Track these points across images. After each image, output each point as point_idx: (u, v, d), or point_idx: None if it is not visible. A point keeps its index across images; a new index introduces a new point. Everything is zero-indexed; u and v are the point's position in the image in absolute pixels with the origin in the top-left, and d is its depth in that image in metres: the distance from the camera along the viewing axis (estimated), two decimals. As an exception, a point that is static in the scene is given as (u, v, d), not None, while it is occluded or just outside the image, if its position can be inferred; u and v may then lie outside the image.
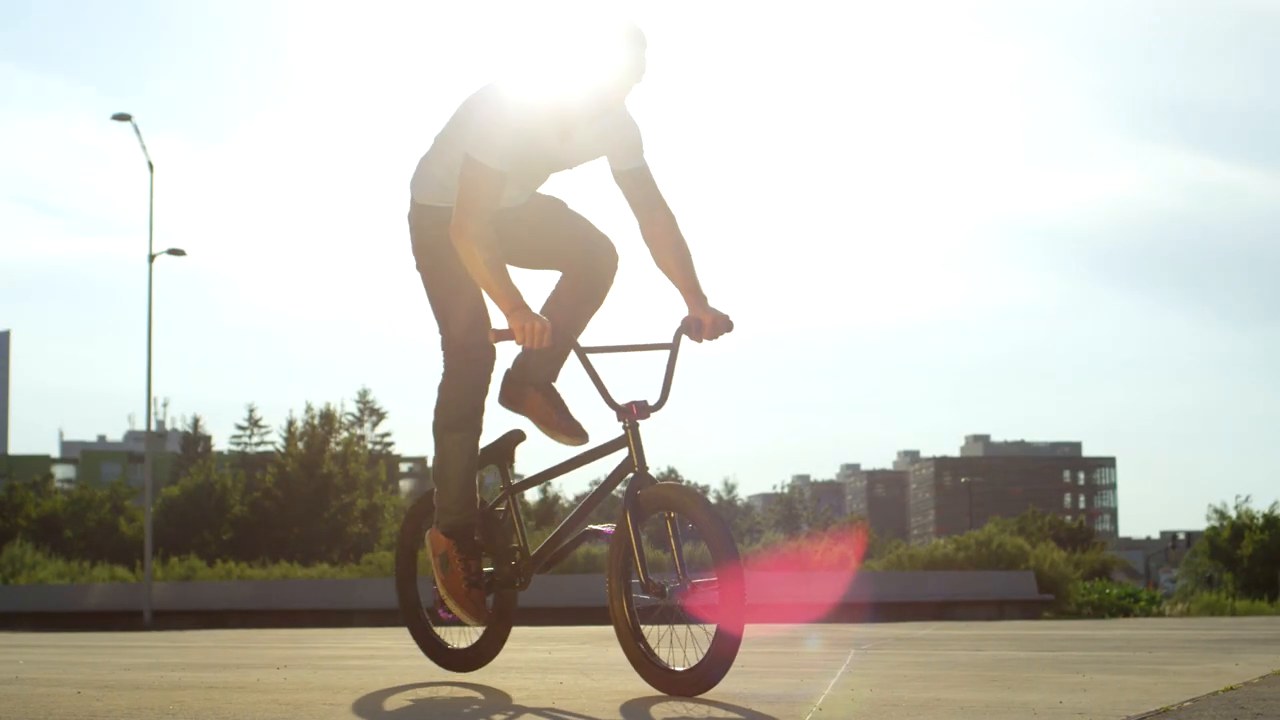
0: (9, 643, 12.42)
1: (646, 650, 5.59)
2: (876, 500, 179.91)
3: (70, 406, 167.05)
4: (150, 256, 39.72)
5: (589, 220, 5.99)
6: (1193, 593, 60.46)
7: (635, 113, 5.79)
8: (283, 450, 62.43)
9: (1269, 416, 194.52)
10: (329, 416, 62.39)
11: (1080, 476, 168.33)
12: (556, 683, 6.33)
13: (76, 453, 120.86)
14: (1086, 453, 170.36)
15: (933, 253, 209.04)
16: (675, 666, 5.49)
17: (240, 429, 73.94)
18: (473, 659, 6.33)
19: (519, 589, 6.07)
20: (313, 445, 61.06)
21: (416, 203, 5.89)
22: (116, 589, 40.89)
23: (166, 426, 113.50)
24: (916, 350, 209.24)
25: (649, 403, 5.58)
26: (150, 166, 39.59)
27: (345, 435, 63.95)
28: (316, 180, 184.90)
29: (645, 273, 5.90)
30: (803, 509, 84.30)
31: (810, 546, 41.42)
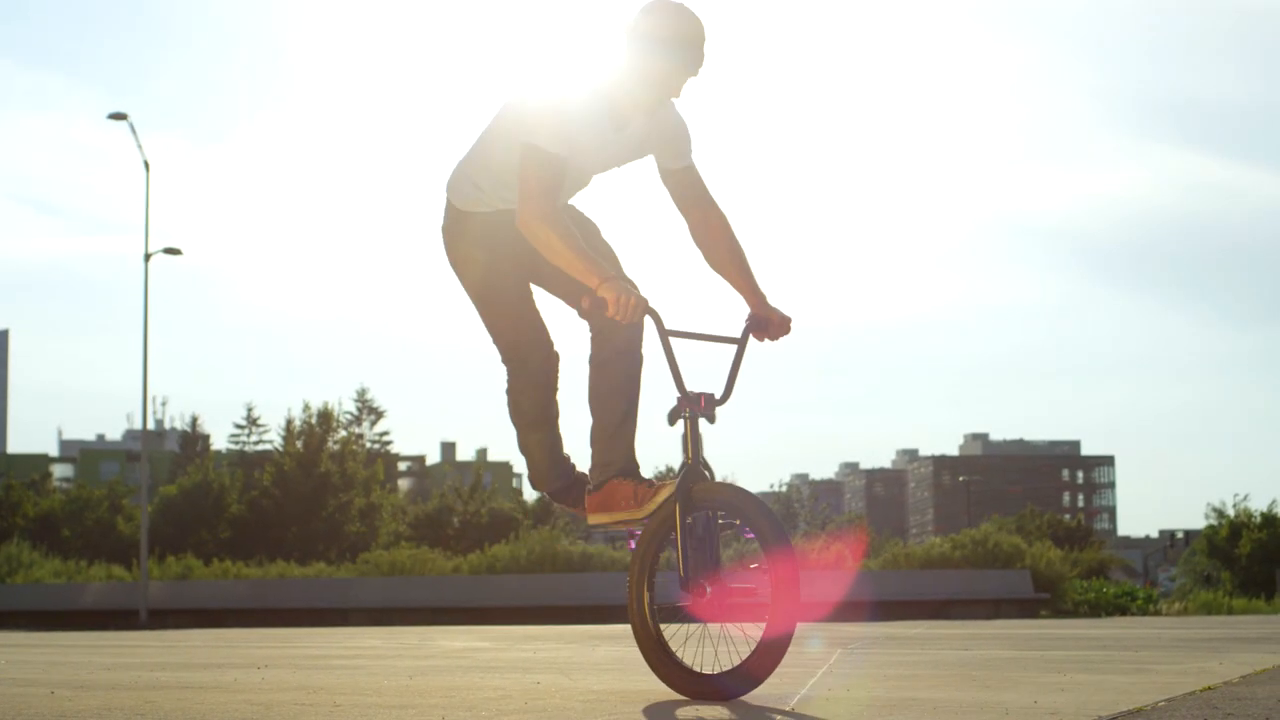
0: (-3, 642, 12.40)
1: (668, 651, 5.48)
2: (875, 499, 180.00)
3: (69, 405, 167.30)
4: (146, 256, 39.66)
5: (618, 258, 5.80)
6: (1190, 591, 60.44)
7: (684, 111, 5.71)
8: (281, 449, 62.39)
9: (1267, 415, 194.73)
10: (326, 415, 62.34)
11: (1079, 475, 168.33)
12: (533, 683, 6.32)
13: (75, 452, 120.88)
14: (1085, 451, 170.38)
15: (932, 251, 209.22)
16: (705, 669, 5.39)
17: (239, 428, 73.88)
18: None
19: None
20: (310, 444, 61.02)
21: (454, 206, 5.72)
22: (113, 588, 40.84)
23: (165, 425, 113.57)
24: (915, 349, 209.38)
25: (715, 396, 5.48)
26: (146, 165, 39.56)
27: (343, 434, 63.92)
28: (315, 179, 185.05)
29: (695, 272, 5.80)
30: (801, 508, 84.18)
31: (808, 545, 41.38)
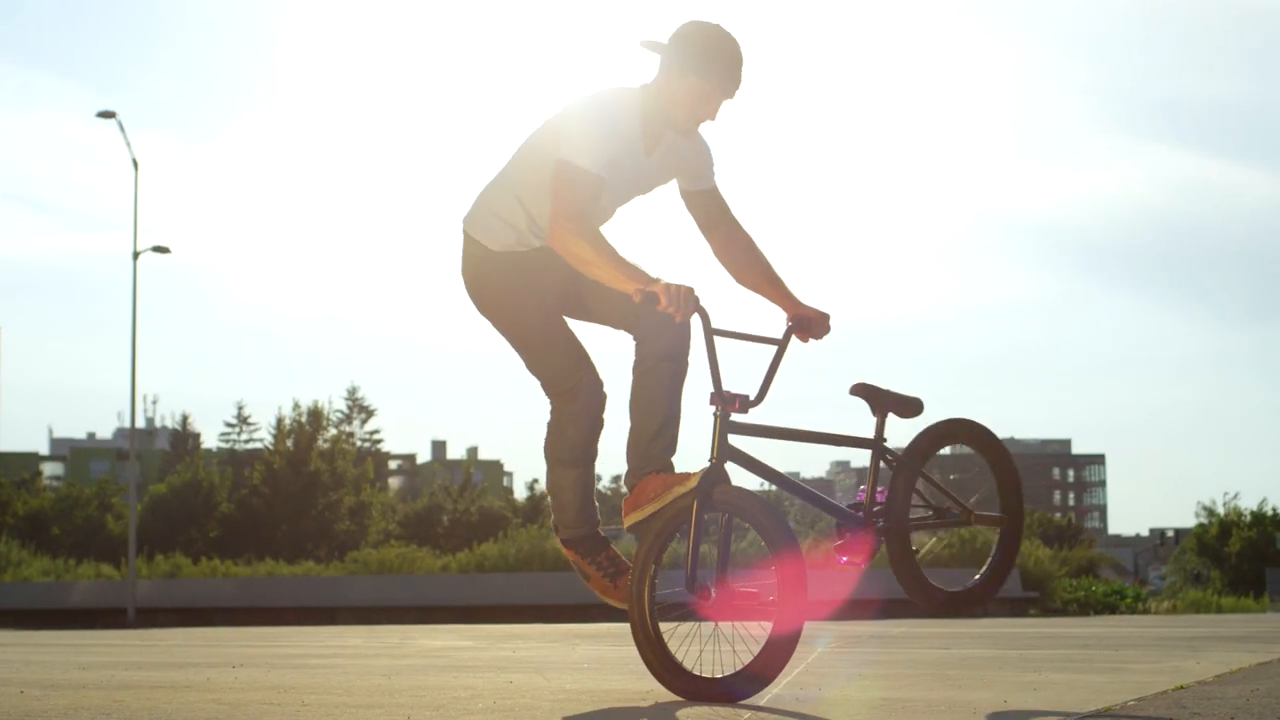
0: (-23, 641, 12.37)
1: (666, 651, 5.41)
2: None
3: (60, 403, 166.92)
4: (134, 254, 39.63)
5: None
6: (1180, 590, 60.53)
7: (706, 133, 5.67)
8: (271, 448, 62.38)
9: (1258, 414, 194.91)
10: (317, 414, 62.34)
11: (1070, 474, 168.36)
12: (507, 682, 6.30)
13: (65, 450, 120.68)
14: (1076, 450, 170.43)
15: (923, 249, 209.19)
16: (704, 671, 5.34)
17: (229, 426, 73.93)
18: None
19: None
20: (300, 443, 61.00)
21: (480, 244, 5.61)
22: (101, 586, 40.83)
23: (156, 424, 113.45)
24: (906, 347, 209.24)
25: (749, 398, 5.45)
26: (135, 164, 39.52)
27: (333, 433, 63.91)
28: (305, 178, 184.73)
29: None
30: (791, 506, 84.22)
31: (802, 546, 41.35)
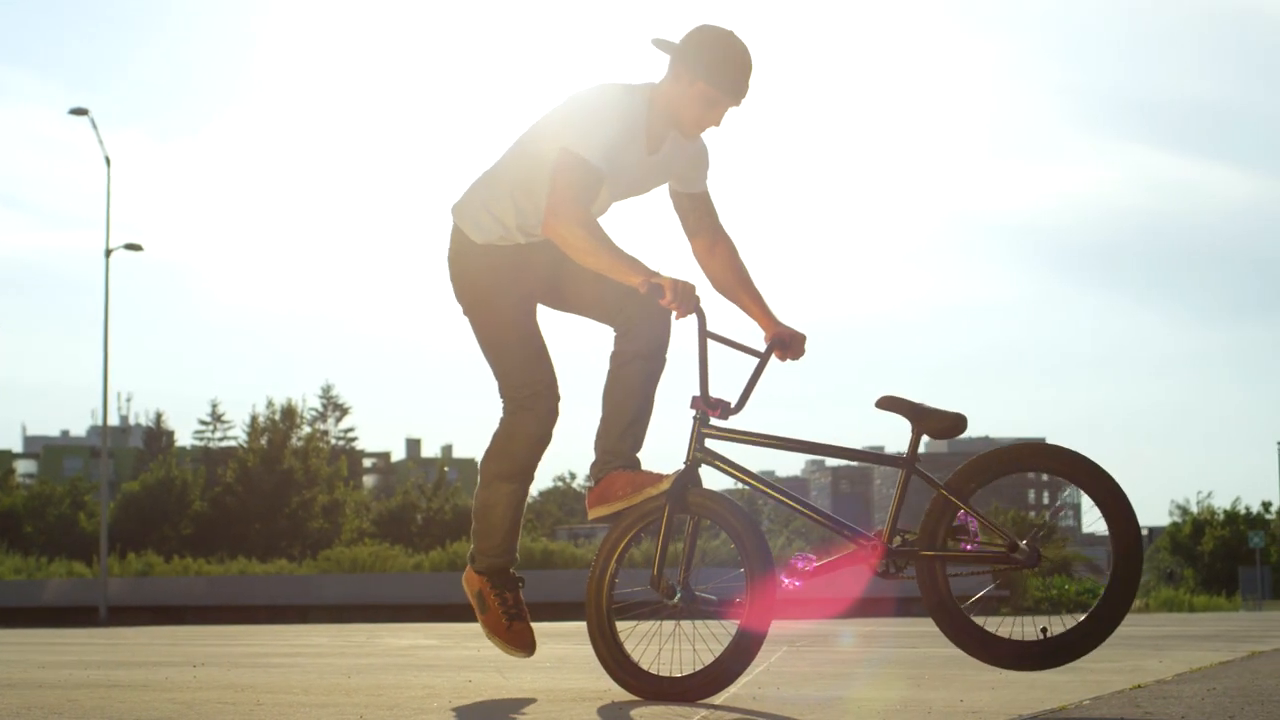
0: (-59, 640, 12.31)
1: (622, 650, 5.38)
2: (841, 496, 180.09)
3: (33, 401, 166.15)
4: (107, 251, 39.52)
5: None
6: (1154, 588, 60.74)
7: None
8: (245, 446, 62.26)
9: (1233, 413, 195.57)
10: (290, 412, 62.23)
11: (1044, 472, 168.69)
12: (465, 681, 6.28)
13: (39, 448, 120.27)
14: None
15: (898, 249, 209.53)
16: (663, 670, 5.31)
17: (203, 424, 73.85)
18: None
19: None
20: (274, 441, 60.89)
21: (467, 237, 5.57)
22: (73, 584, 40.71)
23: (130, 422, 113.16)
24: (881, 346, 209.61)
25: (730, 405, 5.42)
26: (107, 161, 39.43)
27: (308, 431, 63.81)
28: (279, 176, 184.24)
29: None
30: (765, 505, 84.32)
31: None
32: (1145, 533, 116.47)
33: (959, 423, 5.33)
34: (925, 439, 5.37)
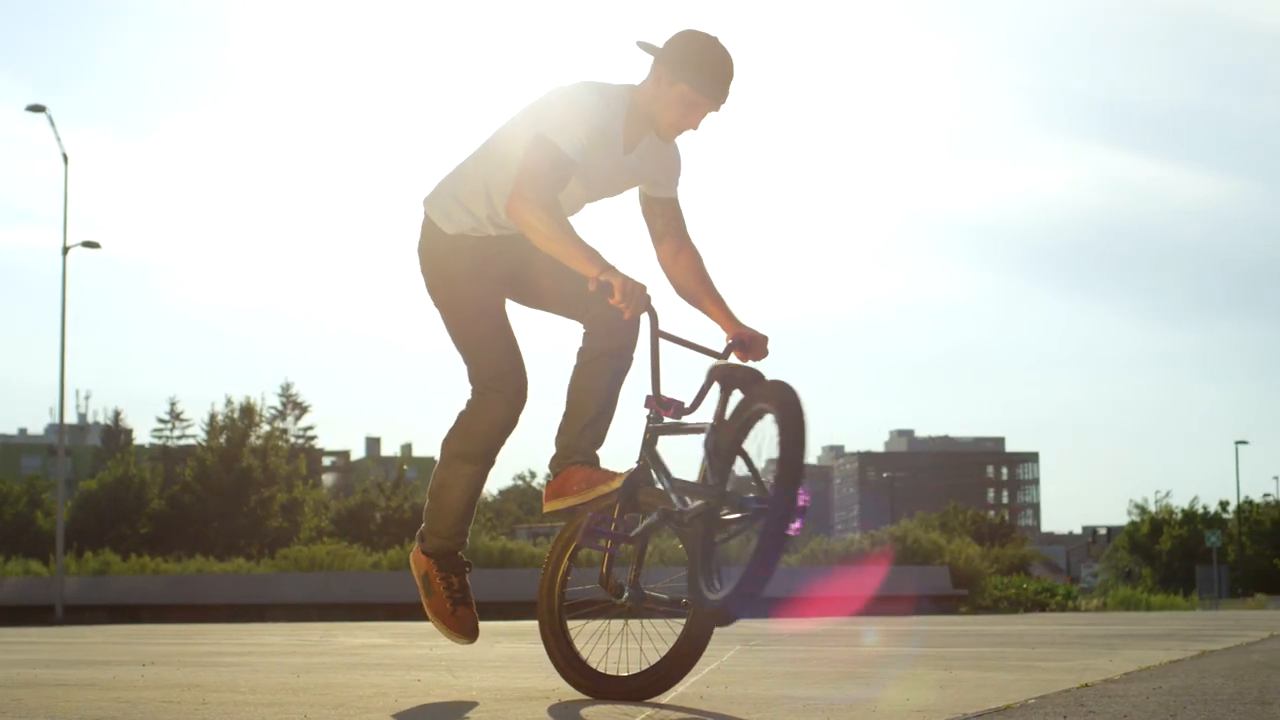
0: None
1: (572, 648, 5.41)
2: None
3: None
4: (64, 248, 39.30)
5: None
6: (1112, 587, 61.03)
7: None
8: (204, 444, 62.03)
9: (1192, 413, 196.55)
10: (249, 410, 62.03)
11: (1004, 471, 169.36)
12: (414, 680, 6.27)
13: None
14: (1010, 448, 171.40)
15: (859, 248, 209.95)
16: (611, 669, 5.32)
17: (162, 422, 73.36)
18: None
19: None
20: (233, 439, 60.67)
21: (437, 227, 5.56)
22: (29, 583, 40.49)
23: (88, 420, 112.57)
24: (841, 345, 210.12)
25: (684, 405, 5.39)
26: (65, 158, 39.20)
27: (267, 429, 63.59)
28: (238, 174, 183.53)
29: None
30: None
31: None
32: (1104, 532, 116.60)
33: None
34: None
